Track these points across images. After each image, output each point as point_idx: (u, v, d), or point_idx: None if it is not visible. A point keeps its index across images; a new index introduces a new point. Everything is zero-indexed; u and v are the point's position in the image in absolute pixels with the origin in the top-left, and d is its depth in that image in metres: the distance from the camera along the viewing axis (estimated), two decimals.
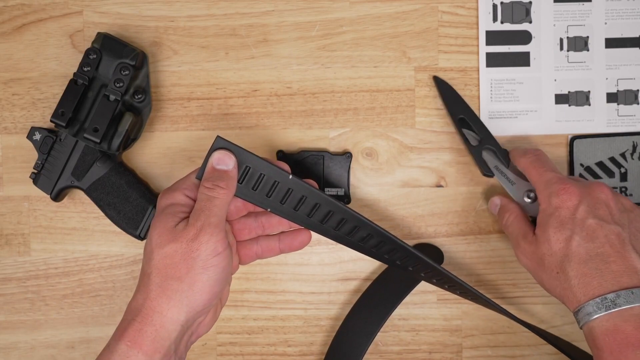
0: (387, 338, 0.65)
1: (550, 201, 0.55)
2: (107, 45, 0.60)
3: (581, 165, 0.64)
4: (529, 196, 0.59)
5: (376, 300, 0.63)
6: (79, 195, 0.64)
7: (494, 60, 0.64)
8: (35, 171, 0.61)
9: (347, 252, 0.65)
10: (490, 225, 0.65)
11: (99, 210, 0.62)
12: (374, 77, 0.64)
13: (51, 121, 0.59)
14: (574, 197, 0.54)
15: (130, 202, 0.61)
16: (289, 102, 0.65)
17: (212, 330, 0.64)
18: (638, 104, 0.64)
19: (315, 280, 0.65)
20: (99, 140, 0.59)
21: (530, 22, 0.64)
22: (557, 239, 0.53)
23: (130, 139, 0.62)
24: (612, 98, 0.64)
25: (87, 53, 0.60)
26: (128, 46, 0.61)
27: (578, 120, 0.64)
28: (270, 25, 0.64)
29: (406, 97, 0.65)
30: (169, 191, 0.51)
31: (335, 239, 0.55)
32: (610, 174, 0.64)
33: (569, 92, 0.64)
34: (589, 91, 0.64)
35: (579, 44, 0.64)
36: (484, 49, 0.64)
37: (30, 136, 0.61)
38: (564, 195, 0.54)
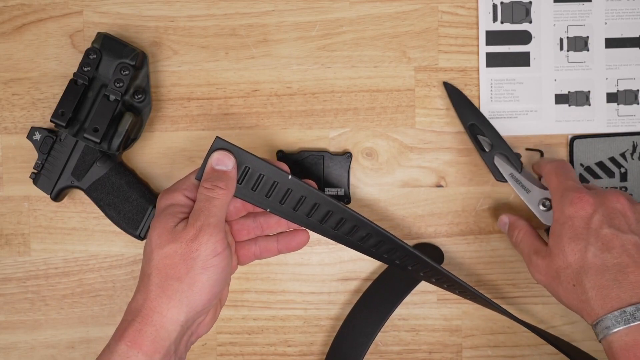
0: (387, 338, 0.65)
1: (564, 210, 0.54)
2: (107, 45, 0.60)
3: (581, 165, 0.64)
4: (544, 204, 0.58)
5: (377, 300, 0.63)
6: (79, 195, 0.64)
7: (494, 60, 0.64)
8: (35, 171, 0.61)
9: (347, 252, 0.65)
10: (490, 225, 0.65)
11: (99, 210, 0.62)
12: (374, 77, 0.64)
13: (51, 121, 0.59)
14: (588, 207, 0.53)
15: (130, 202, 0.61)
16: (289, 102, 0.65)
17: (212, 330, 0.64)
18: (638, 104, 0.64)
19: (315, 280, 0.65)
20: (99, 140, 0.59)
21: (530, 22, 0.64)
22: (572, 250, 0.52)
23: (130, 139, 0.62)
24: (612, 98, 0.64)
25: (87, 53, 0.60)
26: (128, 46, 0.61)
27: (578, 120, 0.64)
28: (270, 25, 0.64)
29: (406, 97, 0.64)
30: (168, 192, 0.51)
31: (334, 239, 0.55)
32: (610, 174, 0.64)
33: (569, 92, 0.64)
34: (589, 91, 0.64)
35: (579, 44, 0.64)
36: (484, 49, 0.64)
37: (30, 136, 0.61)
38: (578, 204, 0.53)
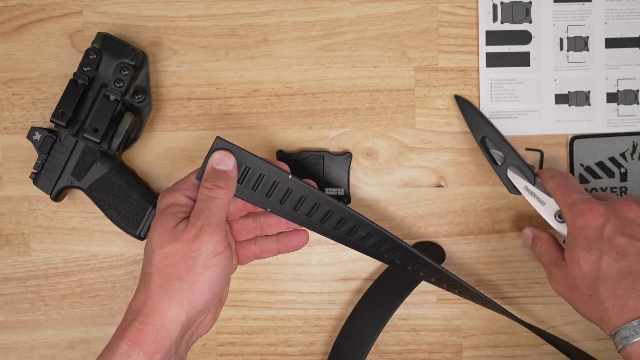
0: (387, 338, 0.65)
1: (576, 222, 0.54)
2: (107, 45, 0.60)
3: (581, 165, 0.64)
4: (560, 216, 0.58)
5: (378, 300, 0.63)
6: (79, 195, 0.64)
7: (494, 60, 0.64)
8: (35, 171, 0.61)
9: (347, 252, 0.65)
10: (490, 225, 0.65)
11: (99, 210, 0.62)
12: (374, 77, 0.64)
13: (51, 121, 0.59)
14: (600, 217, 0.53)
15: (130, 202, 0.61)
16: (289, 102, 0.65)
17: (212, 330, 0.64)
18: (638, 104, 0.64)
19: (316, 280, 0.65)
20: (99, 140, 0.59)
21: (530, 22, 0.64)
22: (586, 261, 0.52)
23: (130, 139, 0.62)
24: (612, 98, 0.64)
25: (87, 53, 0.60)
26: (128, 46, 0.60)
27: (578, 120, 0.64)
28: (270, 25, 0.64)
29: (406, 97, 0.64)
30: (169, 191, 0.51)
31: (334, 239, 0.55)
32: (610, 174, 0.64)
33: (569, 92, 0.64)
34: (589, 91, 0.64)
35: (579, 44, 0.64)
36: (484, 49, 0.64)
37: (30, 136, 0.61)
38: (589, 216, 0.53)
